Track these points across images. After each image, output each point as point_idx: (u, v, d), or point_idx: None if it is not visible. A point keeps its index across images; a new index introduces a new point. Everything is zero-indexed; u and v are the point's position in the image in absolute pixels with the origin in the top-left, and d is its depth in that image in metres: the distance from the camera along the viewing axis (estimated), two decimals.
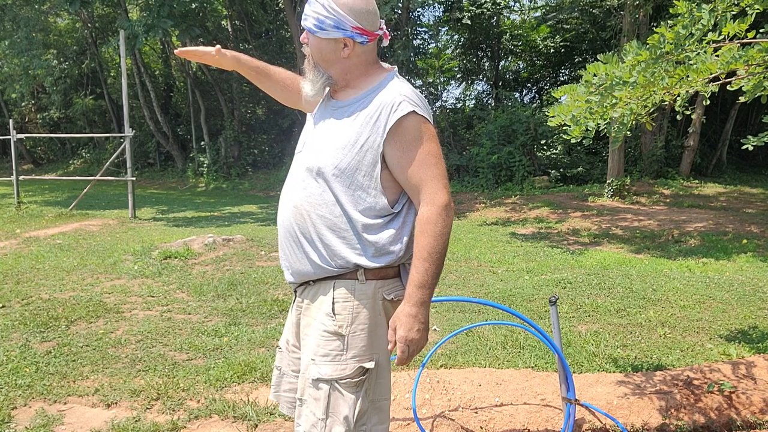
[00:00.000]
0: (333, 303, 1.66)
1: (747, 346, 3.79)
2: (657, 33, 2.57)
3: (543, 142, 14.79)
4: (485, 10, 16.45)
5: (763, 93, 2.45)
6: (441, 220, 1.59)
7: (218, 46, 1.96)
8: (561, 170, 14.75)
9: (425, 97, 16.81)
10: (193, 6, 14.90)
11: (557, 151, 15.25)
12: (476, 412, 3.02)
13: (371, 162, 1.62)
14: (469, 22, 16.48)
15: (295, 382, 1.85)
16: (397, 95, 1.62)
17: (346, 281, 1.67)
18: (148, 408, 3.04)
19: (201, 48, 1.96)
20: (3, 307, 4.74)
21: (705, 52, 2.50)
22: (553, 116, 2.86)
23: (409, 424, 2.93)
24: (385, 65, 1.76)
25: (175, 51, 1.97)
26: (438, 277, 1.61)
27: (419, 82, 17.57)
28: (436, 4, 17.49)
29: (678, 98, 2.72)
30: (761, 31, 2.79)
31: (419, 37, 18.49)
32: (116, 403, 3.09)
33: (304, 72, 1.75)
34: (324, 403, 1.63)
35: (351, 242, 1.65)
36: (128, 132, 10.46)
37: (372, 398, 1.67)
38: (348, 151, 1.63)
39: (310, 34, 1.68)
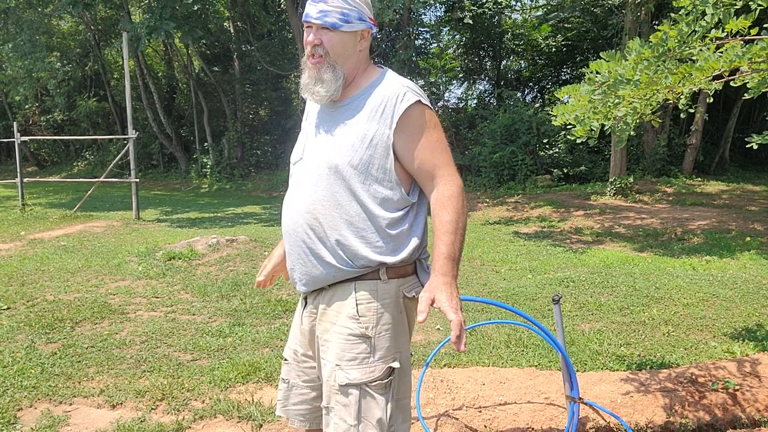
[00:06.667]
0: (356, 305, 1.63)
1: (751, 343, 3.79)
2: (660, 30, 2.56)
3: (545, 141, 14.77)
4: (487, 10, 16.44)
5: (767, 89, 2.45)
6: (461, 199, 1.61)
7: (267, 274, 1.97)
8: (563, 169, 14.72)
9: (427, 96, 16.94)
10: (196, 8, 14.92)
11: (559, 150, 15.23)
12: (480, 411, 3.02)
13: (383, 154, 1.62)
14: (470, 21, 16.47)
15: (306, 393, 1.81)
16: (400, 86, 1.64)
17: (367, 282, 1.64)
18: (153, 408, 3.05)
19: (265, 269, 1.97)
20: (8, 308, 4.75)
21: (708, 49, 2.50)
22: (556, 116, 2.86)
23: (413, 423, 2.93)
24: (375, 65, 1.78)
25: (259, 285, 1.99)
26: (461, 252, 1.60)
27: (421, 82, 17.55)
28: (437, 4, 17.49)
29: (681, 97, 2.71)
30: (765, 26, 2.78)
31: (421, 37, 18.49)
32: (121, 403, 3.10)
33: (314, 74, 1.66)
34: (355, 408, 1.59)
35: (371, 240, 1.62)
36: (132, 134, 10.49)
37: (396, 398, 1.65)
38: (358, 147, 1.62)
39: (330, 31, 1.63)
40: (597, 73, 2.70)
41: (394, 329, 1.64)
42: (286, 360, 1.87)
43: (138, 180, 10.78)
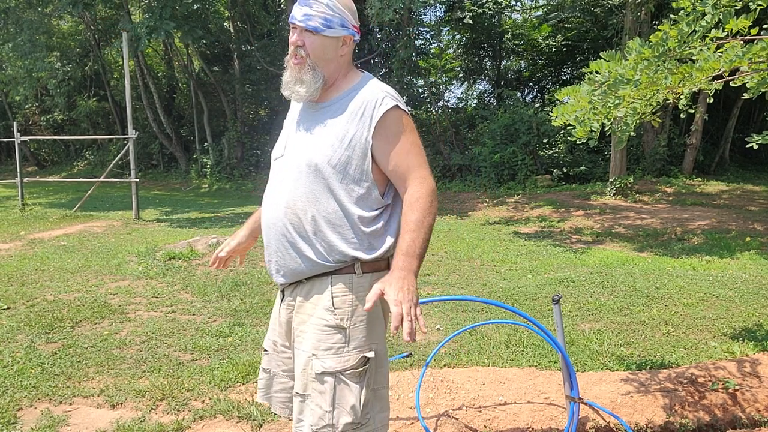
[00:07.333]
0: (332, 298, 1.70)
1: (751, 343, 3.79)
2: (660, 30, 2.56)
3: (545, 141, 14.77)
4: (487, 10, 16.44)
5: (767, 90, 2.45)
6: (429, 201, 1.66)
7: (232, 246, 2.09)
8: (563, 169, 14.72)
9: (427, 96, 16.58)
10: (195, 8, 14.91)
11: (560, 150, 15.23)
12: (480, 411, 3.02)
13: (361, 155, 1.69)
14: (470, 21, 16.47)
15: (286, 381, 1.89)
16: (380, 92, 1.72)
17: (343, 276, 1.71)
18: (153, 408, 3.05)
19: (228, 245, 2.09)
20: (8, 308, 4.75)
21: (708, 49, 2.50)
22: (556, 117, 2.86)
23: (413, 423, 2.93)
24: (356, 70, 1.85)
25: (211, 267, 2.14)
26: (425, 249, 1.64)
27: (421, 82, 17.56)
28: (437, 4, 17.49)
29: (682, 97, 2.71)
30: (765, 26, 2.78)
31: (421, 37, 18.48)
32: (121, 403, 3.10)
33: (295, 74, 1.74)
34: (330, 395, 1.66)
35: (347, 236, 1.70)
36: (132, 134, 10.49)
37: (373, 387, 1.72)
38: (337, 147, 1.69)
39: (312, 34, 1.71)
40: (597, 73, 2.70)
41: (368, 321, 1.72)
42: (266, 350, 1.95)
43: (138, 180, 10.78)
